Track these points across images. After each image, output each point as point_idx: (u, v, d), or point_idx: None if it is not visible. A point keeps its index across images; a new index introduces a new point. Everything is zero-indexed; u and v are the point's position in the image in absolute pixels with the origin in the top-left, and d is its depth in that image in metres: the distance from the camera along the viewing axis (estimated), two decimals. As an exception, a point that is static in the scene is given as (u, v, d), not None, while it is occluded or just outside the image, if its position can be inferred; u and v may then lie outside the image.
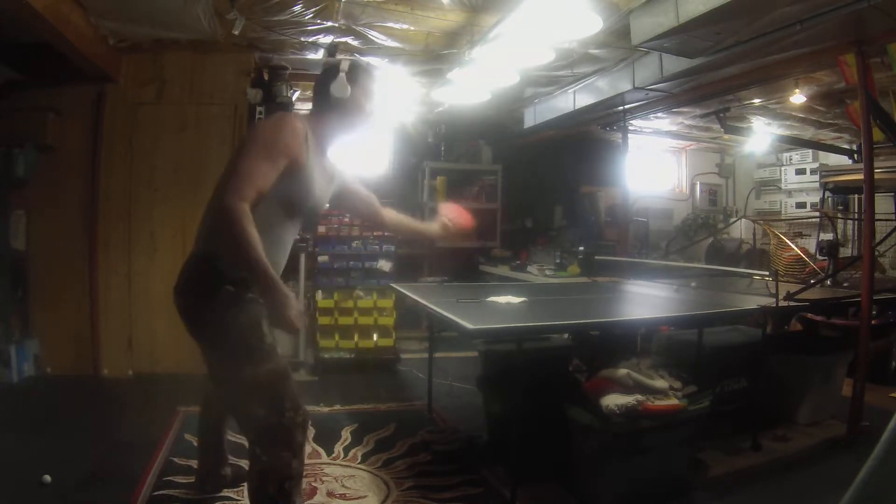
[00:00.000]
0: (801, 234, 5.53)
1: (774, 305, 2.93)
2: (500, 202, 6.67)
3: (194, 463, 2.74)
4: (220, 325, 1.86)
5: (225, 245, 1.76)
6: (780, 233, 5.14)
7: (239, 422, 2.02)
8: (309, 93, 5.39)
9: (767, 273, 3.65)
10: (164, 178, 4.31)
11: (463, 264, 6.43)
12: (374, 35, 3.86)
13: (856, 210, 5.91)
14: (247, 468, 1.95)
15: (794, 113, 5.67)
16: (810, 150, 6.77)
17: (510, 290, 3.38)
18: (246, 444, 1.93)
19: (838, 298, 3.57)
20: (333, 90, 1.96)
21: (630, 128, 5.93)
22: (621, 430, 2.36)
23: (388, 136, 6.59)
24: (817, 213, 5.63)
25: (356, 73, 2.01)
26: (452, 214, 2.53)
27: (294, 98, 4.87)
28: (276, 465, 1.84)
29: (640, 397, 2.38)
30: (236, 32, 3.71)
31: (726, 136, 6.59)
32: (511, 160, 6.80)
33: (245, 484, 2.48)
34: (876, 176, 3.27)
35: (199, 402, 2.54)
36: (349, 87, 1.97)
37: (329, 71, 2.03)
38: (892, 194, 5.33)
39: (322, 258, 4.77)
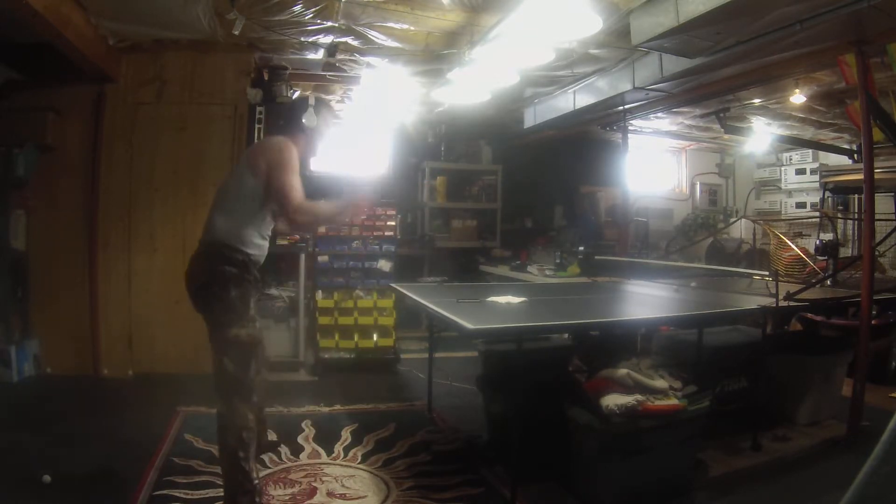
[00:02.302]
0: (801, 234, 5.53)
1: (774, 305, 2.93)
2: (499, 202, 6.69)
3: (195, 463, 2.76)
4: (220, 295, 2.28)
5: (230, 235, 2.32)
6: (780, 233, 5.14)
7: (214, 384, 2.32)
8: (309, 92, 5.41)
9: (767, 273, 3.65)
10: (163, 178, 4.31)
11: (463, 264, 6.43)
12: (374, 35, 3.86)
13: (856, 210, 5.92)
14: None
15: (794, 113, 5.66)
16: (810, 150, 6.77)
17: (510, 290, 3.38)
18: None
19: (838, 298, 3.58)
20: (306, 120, 2.53)
21: (630, 128, 5.93)
22: (621, 430, 2.37)
23: (388, 136, 6.59)
24: (817, 213, 5.63)
25: (319, 108, 2.57)
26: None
27: (293, 98, 4.86)
28: (235, 417, 2.21)
29: (640, 397, 2.38)
30: (236, 32, 3.71)
31: (726, 136, 6.59)
32: (511, 160, 6.80)
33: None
34: (876, 176, 3.28)
35: None
36: (316, 118, 2.54)
37: (299, 105, 2.59)
38: (892, 194, 5.33)
39: (322, 258, 4.77)
